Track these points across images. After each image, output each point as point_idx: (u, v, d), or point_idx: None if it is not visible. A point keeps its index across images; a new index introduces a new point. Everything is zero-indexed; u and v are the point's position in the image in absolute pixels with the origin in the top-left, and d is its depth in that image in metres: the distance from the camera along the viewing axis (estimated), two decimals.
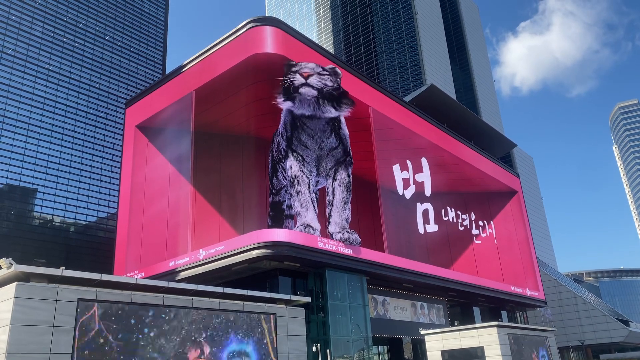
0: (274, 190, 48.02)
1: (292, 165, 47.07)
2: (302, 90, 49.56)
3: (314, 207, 47.09)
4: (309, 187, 47.24)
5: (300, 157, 47.64)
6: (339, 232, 48.06)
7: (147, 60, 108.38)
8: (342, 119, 52.71)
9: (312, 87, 50.10)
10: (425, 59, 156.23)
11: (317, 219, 46.63)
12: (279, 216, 46.79)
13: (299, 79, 49.83)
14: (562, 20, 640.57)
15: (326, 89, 51.20)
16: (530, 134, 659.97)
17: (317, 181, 49.00)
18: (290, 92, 49.43)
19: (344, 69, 58.12)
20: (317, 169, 48.80)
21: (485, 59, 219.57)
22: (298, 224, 45.66)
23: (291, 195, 46.41)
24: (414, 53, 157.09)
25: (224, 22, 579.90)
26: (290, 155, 47.50)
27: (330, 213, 48.64)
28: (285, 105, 48.94)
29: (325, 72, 52.13)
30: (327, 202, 49.16)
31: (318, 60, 54.13)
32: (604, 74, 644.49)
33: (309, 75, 50.36)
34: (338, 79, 53.07)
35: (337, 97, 52.24)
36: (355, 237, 49.21)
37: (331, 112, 51.12)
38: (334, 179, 49.74)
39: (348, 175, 50.96)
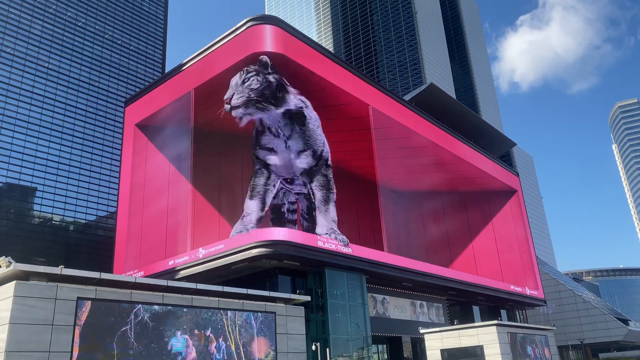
0: None
1: (257, 171, 47.26)
2: (234, 113, 48.08)
3: (260, 207, 46.39)
4: (267, 192, 46.91)
5: (262, 163, 47.35)
6: (326, 233, 47.72)
7: (146, 59, 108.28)
8: (309, 114, 49.98)
9: (236, 107, 47.93)
10: (425, 57, 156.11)
11: (255, 223, 46.00)
12: (280, 219, 46.88)
13: (226, 107, 48.55)
14: (563, 14, 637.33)
15: (253, 94, 47.89)
16: (530, 131, 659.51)
17: (292, 186, 48.21)
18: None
19: (344, 67, 58.10)
20: (286, 173, 47.91)
21: (485, 58, 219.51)
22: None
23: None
24: (414, 52, 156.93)
25: (224, 21, 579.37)
26: (255, 160, 47.73)
27: (314, 215, 48.33)
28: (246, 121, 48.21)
29: (251, 72, 48.80)
30: (313, 204, 48.87)
31: (317, 59, 54.08)
32: (605, 71, 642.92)
33: (230, 98, 48.41)
34: (267, 72, 48.65)
35: (272, 93, 48.12)
36: (341, 237, 48.96)
37: (273, 111, 47.67)
38: (311, 181, 49.08)
39: (325, 175, 49.53)
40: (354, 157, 54.72)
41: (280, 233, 44.73)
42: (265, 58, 48.71)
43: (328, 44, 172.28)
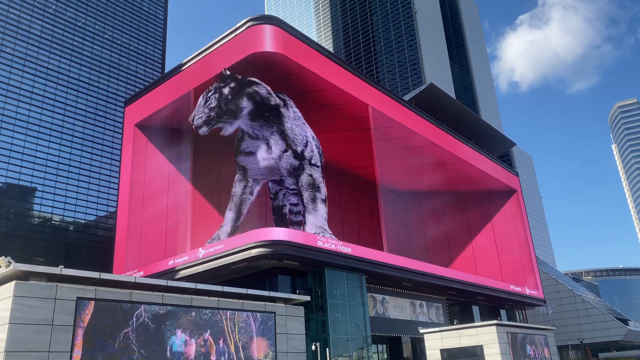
0: (271, 195, 48.11)
1: (235, 180, 47.67)
2: (200, 132, 49.64)
3: (235, 218, 47.07)
4: (243, 202, 47.14)
5: (241, 169, 47.71)
6: (315, 232, 47.57)
7: (146, 59, 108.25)
8: (286, 113, 49.37)
9: (200, 127, 49.51)
10: (425, 57, 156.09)
11: (227, 235, 47.06)
12: (283, 220, 46.85)
13: (193, 126, 50.20)
14: (563, 14, 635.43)
15: (212, 112, 48.78)
16: (530, 131, 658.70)
17: (285, 187, 48.29)
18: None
19: (344, 67, 58.11)
20: (269, 175, 48.02)
21: (484, 58, 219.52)
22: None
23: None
24: (414, 52, 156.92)
25: (224, 21, 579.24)
26: (236, 168, 48.20)
27: (303, 214, 48.34)
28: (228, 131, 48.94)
29: (211, 91, 49.97)
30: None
31: (317, 59, 54.07)
32: (605, 71, 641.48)
33: (193, 118, 50.11)
34: (223, 84, 49.42)
35: (227, 104, 48.51)
36: (330, 235, 48.74)
37: (234, 123, 48.27)
38: (297, 182, 49.09)
39: (310, 175, 49.34)
40: (354, 157, 54.69)
41: (279, 233, 44.75)
42: (223, 71, 50.07)
43: (328, 44, 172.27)
